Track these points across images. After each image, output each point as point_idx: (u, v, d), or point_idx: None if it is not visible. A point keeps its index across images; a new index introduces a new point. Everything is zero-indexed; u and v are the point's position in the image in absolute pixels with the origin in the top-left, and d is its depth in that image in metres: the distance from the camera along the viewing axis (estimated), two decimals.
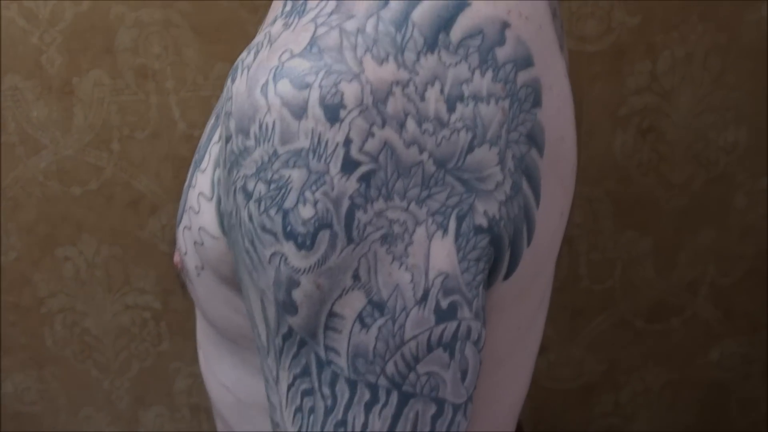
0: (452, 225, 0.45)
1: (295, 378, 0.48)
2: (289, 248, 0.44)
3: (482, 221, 0.46)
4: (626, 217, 1.29)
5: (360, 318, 0.45)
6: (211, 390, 0.68)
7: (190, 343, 1.36)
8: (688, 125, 1.22)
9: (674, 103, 1.21)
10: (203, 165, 0.56)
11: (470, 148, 0.46)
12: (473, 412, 0.60)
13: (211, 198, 0.54)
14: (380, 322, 0.45)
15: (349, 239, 0.44)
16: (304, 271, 0.44)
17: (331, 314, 0.45)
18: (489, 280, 0.50)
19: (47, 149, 1.21)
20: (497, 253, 0.48)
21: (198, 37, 1.15)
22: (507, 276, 0.51)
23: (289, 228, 0.44)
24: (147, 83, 1.17)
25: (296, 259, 0.44)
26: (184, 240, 0.58)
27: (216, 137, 0.55)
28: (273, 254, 0.45)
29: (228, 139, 0.46)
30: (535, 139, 0.50)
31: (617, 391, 1.43)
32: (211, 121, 0.58)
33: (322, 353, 0.46)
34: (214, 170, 0.53)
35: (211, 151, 0.55)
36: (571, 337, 1.38)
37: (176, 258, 0.62)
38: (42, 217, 1.26)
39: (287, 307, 0.46)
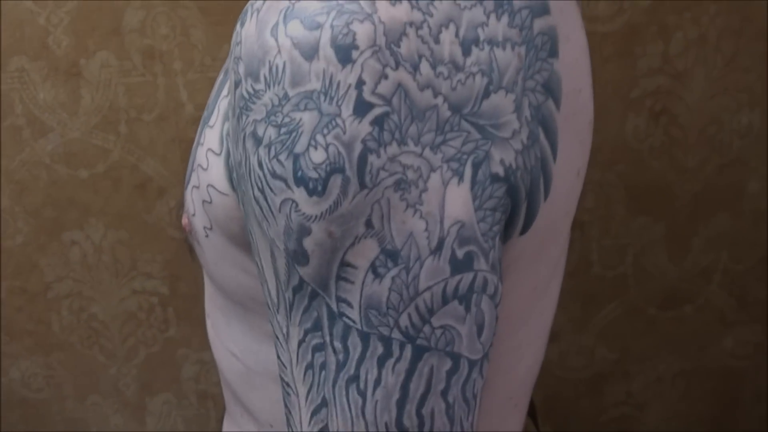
0: (468, 172, 0.44)
1: (306, 333, 0.47)
2: (300, 194, 0.43)
3: (498, 170, 0.45)
4: (638, 202, 1.27)
5: (373, 268, 0.44)
6: (219, 359, 0.67)
7: (197, 329, 1.35)
8: (701, 108, 1.21)
9: (687, 86, 1.19)
10: (212, 121, 0.55)
11: (486, 94, 0.44)
12: (488, 378, 0.59)
13: (220, 153, 0.53)
14: (394, 272, 0.44)
15: (362, 184, 0.42)
16: (316, 218, 0.43)
17: (343, 264, 0.44)
18: (506, 234, 0.49)
19: (54, 132, 1.20)
20: (514, 205, 0.47)
21: (206, 18, 1.14)
22: (524, 230, 0.50)
23: (299, 173, 0.43)
24: (154, 65, 1.16)
25: (307, 205, 0.43)
26: (193, 200, 0.57)
27: (225, 91, 0.54)
28: (283, 201, 0.44)
29: (237, 84, 0.45)
30: (551, 90, 0.48)
31: (629, 381, 1.41)
32: (220, 77, 0.57)
33: (333, 305, 0.45)
34: (223, 124, 0.52)
35: (220, 105, 0.54)
36: (582, 325, 1.36)
37: (184, 220, 0.61)
38: (49, 201, 1.25)
39: (298, 256, 0.44)
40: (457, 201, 0.44)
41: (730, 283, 1.33)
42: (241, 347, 0.63)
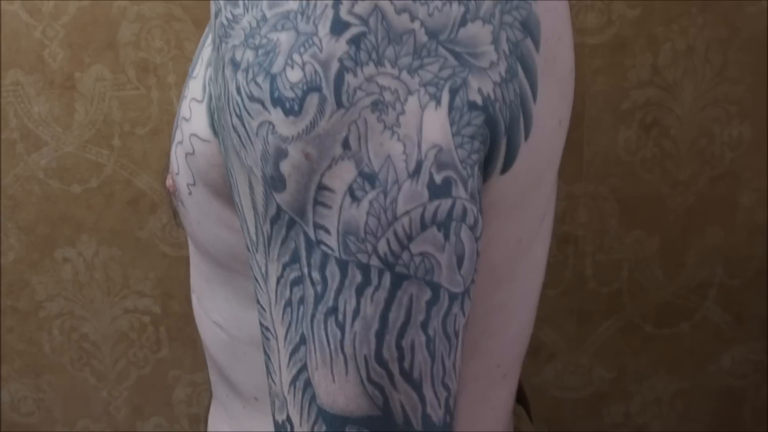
0: (445, 97, 0.44)
1: (284, 268, 0.46)
2: (276, 115, 0.43)
3: (476, 98, 0.45)
4: (632, 216, 1.27)
5: (350, 191, 0.43)
6: (204, 333, 0.67)
7: (189, 349, 1.34)
8: (691, 120, 1.22)
9: (677, 97, 1.20)
10: (195, 72, 0.55)
11: (463, 22, 0.45)
12: (473, 339, 0.58)
13: (202, 99, 0.53)
14: (371, 195, 0.43)
15: (339, 103, 0.42)
16: (292, 138, 0.43)
17: (320, 187, 0.44)
18: (486, 171, 0.49)
19: (48, 146, 1.21)
20: (493, 139, 0.47)
21: (200, 31, 1.15)
22: (504, 169, 0.49)
23: (276, 93, 0.43)
24: (148, 78, 1.18)
25: (284, 126, 0.43)
26: (176, 158, 0.58)
27: (208, 41, 0.54)
28: (260, 124, 0.44)
29: (217, 14, 0.46)
30: (530, 29, 0.49)
31: (628, 401, 1.39)
32: (205, 32, 0.58)
33: (311, 233, 0.45)
34: (206, 71, 0.53)
35: (203, 55, 0.55)
36: (578, 343, 1.35)
37: (168, 181, 0.61)
38: (41, 217, 1.25)
39: (275, 182, 0.44)
40: (434, 125, 0.44)
41: (726, 299, 1.32)
42: (225, 316, 0.63)
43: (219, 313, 0.63)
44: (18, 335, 1.32)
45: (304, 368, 0.47)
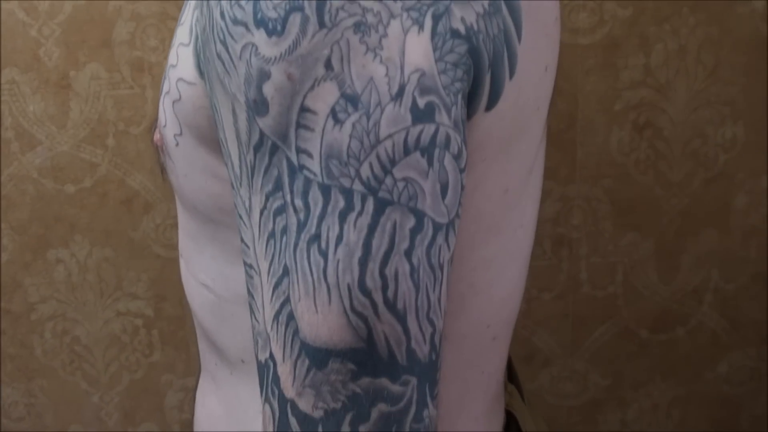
0: (428, 22, 0.44)
1: (267, 198, 0.46)
2: (259, 37, 0.43)
3: (459, 26, 0.45)
4: (626, 218, 1.27)
5: (333, 113, 0.43)
6: (192, 297, 0.66)
7: (181, 353, 1.33)
8: (684, 121, 1.22)
9: (670, 98, 1.21)
10: (182, 18, 0.56)
11: None
12: (460, 294, 0.58)
13: (189, 42, 0.53)
14: (354, 117, 0.43)
15: (321, 23, 0.43)
16: (275, 59, 0.43)
17: (303, 109, 0.44)
18: (471, 107, 0.49)
19: (43, 145, 1.21)
20: (477, 71, 0.47)
21: None
22: (489, 107, 0.49)
23: (259, 14, 0.43)
24: (143, 77, 1.18)
25: (267, 47, 0.43)
26: (164, 109, 0.58)
27: None
28: (244, 47, 0.44)
29: None
30: None
31: (624, 409, 1.38)
32: None
33: (294, 158, 0.44)
34: (193, 14, 0.53)
35: (189, 2, 0.55)
36: (573, 349, 1.34)
37: (156, 136, 0.61)
38: (35, 217, 1.24)
39: (258, 105, 0.44)
40: (417, 49, 0.44)
41: (722, 303, 1.32)
42: (212, 275, 0.62)
43: (206, 273, 0.63)
44: (10, 338, 1.31)
45: (287, 301, 0.47)
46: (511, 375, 0.78)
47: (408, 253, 0.45)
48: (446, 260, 0.48)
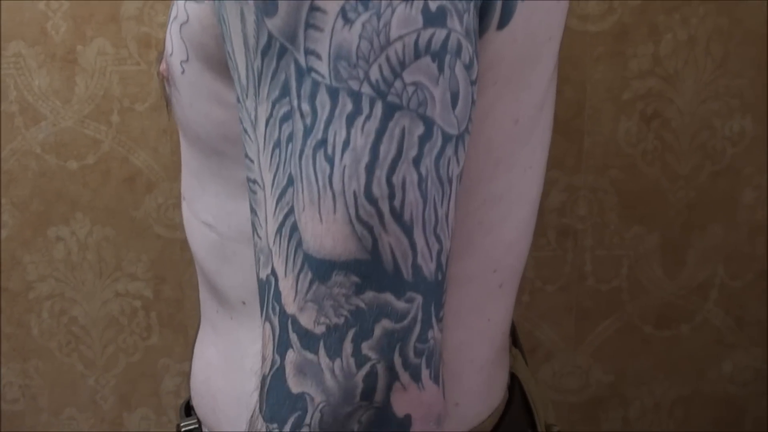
0: None
1: (273, 105, 0.45)
2: None
3: None
4: (632, 210, 1.26)
5: (343, 12, 0.43)
6: (194, 240, 0.65)
7: (179, 336, 1.31)
8: (692, 112, 1.21)
9: (678, 89, 1.20)
10: None
11: None
12: (468, 231, 0.57)
13: None
14: (364, 17, 0.43)
15: None
16: None
17: (313, 8, 0.43)
18: (483, 24, 0.48)
19: (47, 120, 1.20)
20: None
21: None
22: (501, 25, 0.49)
23: None
24: (150, 53, 1.18)
25: None
26: (171, 36, 0.57)
27: None
28: None
29: None
30: None
31: (626, 407, 1.36)
32: None
33: (302, 60, 0.44)
34: None
35: None
36: (576, 343, 1.32)
37: (162, 66, 0.60)
38: (36, 193, 1.24)
39: (267, 6, 0.43)
40: None
41: (727, 300, 1.30)
42: (214, 213, 0.61)
43: (208, 211, 0.62)
44: (6, 317, 1.29)
45: (290, 212, 0.46)
46: (515, 340, 0.77)
47: (416, 162, 0.44)
48: (455, 175, 0.47)
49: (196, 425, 0.73)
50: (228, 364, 0.66)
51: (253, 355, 0.61)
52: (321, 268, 0.45)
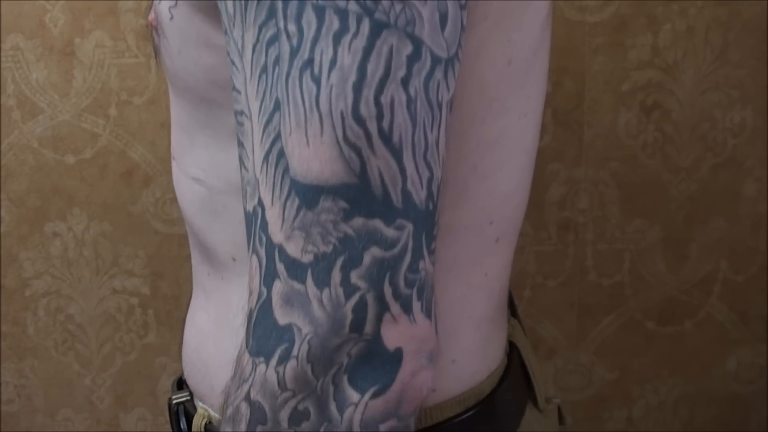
0: None
1: (259, 30, 0.45)
2: None
3: None
4: (633, 203, 1.25)
5: None
6: (184, 198, 0.64)
7: (176, 334, 1.29)
8: (692, 104, 1.21)
9: (678, 79, 1.19)
10: None
11: None
12: (462, 178, 0.56)
13: None
14: None
15: None
16: None
17: None
18: None
19: (44, 114, 1.20)
20: None
21: None
22: None
23: None
24: (148, 46, 1.18)
25: None
26: None
27: None
28: None
29: None
30: None
31: (630, 405, 1.34)
32: None
33: None
34: None
35: None
36: (579, 340, 1.31)
37: (150, 15, 0.59)
38: (33, 188, 1.23)
39: None
40: None
41: (730, 295, 1.28)
42: (204, 166, 0.60)
43: (198, 165, 0.61)
44: (3, 315, 1.28)
45: (277, 138, 0.45)
46: (513, 311, 0.75)
47: (405, 82, 0.43)
48: (445, 101, 0.46)
49: (188, 397, 0.71)
50: (219, 328, 0.65)
51: (243, 312, 0.60)
52: (308, 194, 0.44)
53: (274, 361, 0.45)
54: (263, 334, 0.46)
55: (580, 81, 1.20)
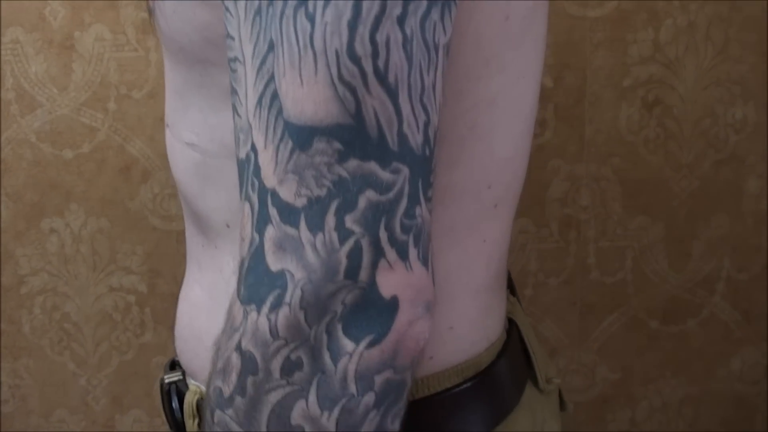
0: None
1: None
2: None
3: None
4: (635, 200, 1.23)
5: None
6: (177, 166, 0.63)
7: (173, 334, 1.28)
8: (694, 99, 1.20)
9: (679, 75, 1.19)
10: None
11: None
12: (458, 139, 0.55)
13: None
14: None
15: None
16: None
17: None
18: None
19: (43, 108, 1.20)
20: None
21: None
22: None
23: None
24: (148, 39, 1.17)
25: None
26: None
27: None
28: None
29: None
30: None
31: (633, 406, 1.32)
32: None
33: None
34: None
35: None
36: (581, 339, 1.29)
37: None
38: (31, 183, 1.22)
39: None
40: None
41: (734, 294, 1.27)
42: (197, 129, 0.60)
43: (191, 129, 0.60)
44: None
45: (271, 79, 0.44)
46: (512, 290, 0.74)
47: (401, 21, 0.43)
48: (442, 44, 0.45)
49: (180, 377, 0.70)
50: (212, 298, 0.64)
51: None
52: (302, 136, 0.43)
53: (266, 309, 0.44)
54: (255, 281, 0.45)
55: (581, 76, 1.19)
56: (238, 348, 0.45)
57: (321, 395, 0.44)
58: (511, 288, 0.73)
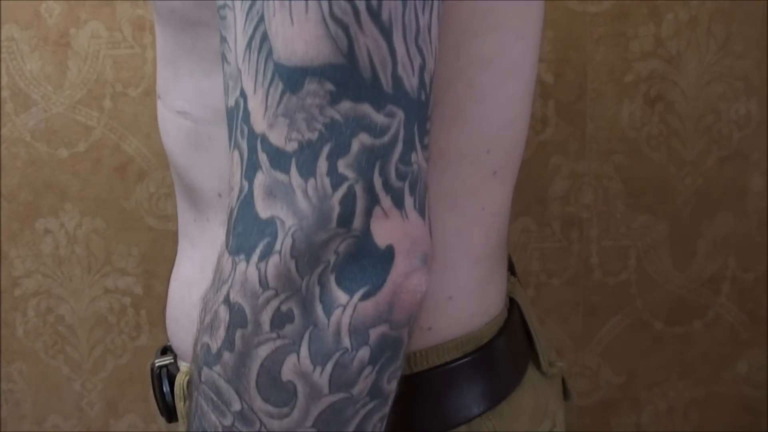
0: None
1: None
2: None
3: None
4: (638, 198, 1.22)
5: None
6: (169, 136, 0.62)
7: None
8: (697, 95, 1.18)
9: (681, 71, 1.17)
10: None
11: None
12: (455, 100, 0.53)
13: None
14: None
15: None
16: None
17: None
18: None
19: (38, 106, 1.18)
20: None
21: None
22: None
23: None
24: (144, 37, 1.16)
25: None
26: None
27: None
28: None
29: None
30: None
31: (638, 411, 1.29)
32: None
33: None
34: None
35: None
36: (584, 342, 1.27)
37: None
38: (25, 183, 1.20)
39: None
40: None
41: (739, 294, 1.25)
42: (189, 96, 0.58)
43: (183, 97, 0.58)
44: None
45: (260, 21, 0.42)
46: (512, 271, 0.72)
47: None
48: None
49: (171, 361, 0.68)
50: (204, 273, 0.61)
51: None
52: (293, 77, 0.41)
53: (255, 257, 0.42)
54: (244, 229, 0.43)
55: (582, 72, 1.18)
56: (227, 300, 0.43)
57: (313, 349, 0.42)
58: (512, 269, 0.72)
